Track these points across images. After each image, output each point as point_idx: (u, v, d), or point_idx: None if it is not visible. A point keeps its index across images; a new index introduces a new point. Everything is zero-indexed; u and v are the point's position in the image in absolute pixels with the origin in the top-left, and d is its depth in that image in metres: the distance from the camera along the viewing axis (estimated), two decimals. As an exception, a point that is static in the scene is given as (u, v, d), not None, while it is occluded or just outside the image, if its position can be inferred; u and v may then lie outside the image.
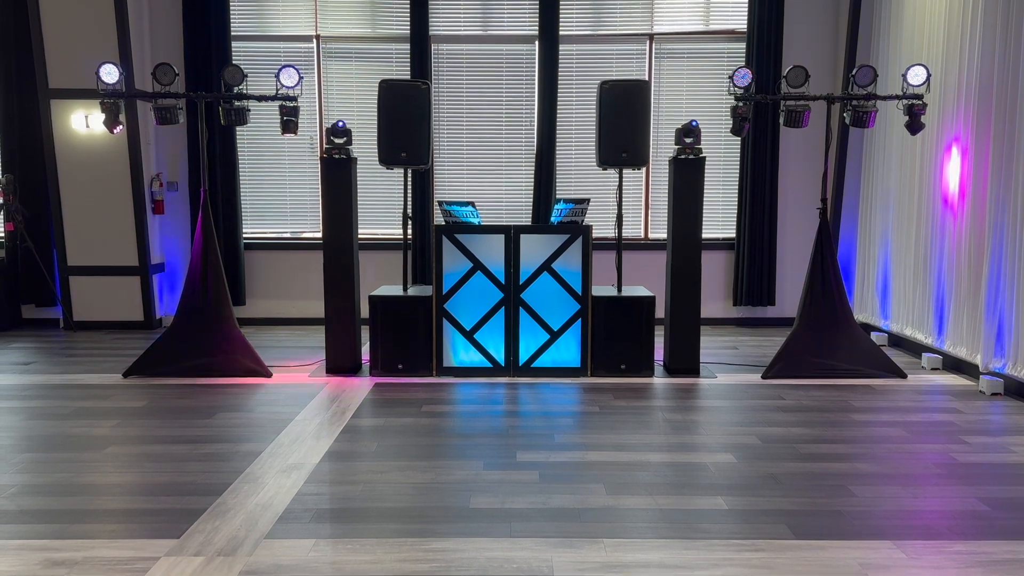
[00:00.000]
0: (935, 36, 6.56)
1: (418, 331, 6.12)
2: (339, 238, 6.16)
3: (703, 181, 6.16)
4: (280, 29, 8.35)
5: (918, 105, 5.89)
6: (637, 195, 8.46)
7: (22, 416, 5.08)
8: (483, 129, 8.45)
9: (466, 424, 4.98)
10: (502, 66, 8.38)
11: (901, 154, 7.16)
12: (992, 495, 3.75)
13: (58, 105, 7.83)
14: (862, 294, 7.98)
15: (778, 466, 4.15)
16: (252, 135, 8.35)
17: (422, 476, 4.00)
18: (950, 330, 6.30)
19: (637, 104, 6.23)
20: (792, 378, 6.04)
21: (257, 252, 8.53)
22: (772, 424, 4.91)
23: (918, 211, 6.83)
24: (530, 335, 6.12)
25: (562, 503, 3.65)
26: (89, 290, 8.14)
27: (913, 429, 4.81)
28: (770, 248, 8.39)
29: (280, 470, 4.09)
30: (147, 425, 4.89)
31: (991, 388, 5.58)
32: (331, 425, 4.87)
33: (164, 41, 8.22)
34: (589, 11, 8.31)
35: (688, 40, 8.34)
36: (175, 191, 8.42)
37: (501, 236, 6.06)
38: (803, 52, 8.09)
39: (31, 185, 8.15)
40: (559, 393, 5.68)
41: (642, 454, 4.35)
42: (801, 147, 8.22)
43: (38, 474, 4.03)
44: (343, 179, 6.13)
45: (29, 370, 6.40)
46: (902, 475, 4.03)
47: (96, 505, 3.65)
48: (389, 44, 8.35)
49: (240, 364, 6.08)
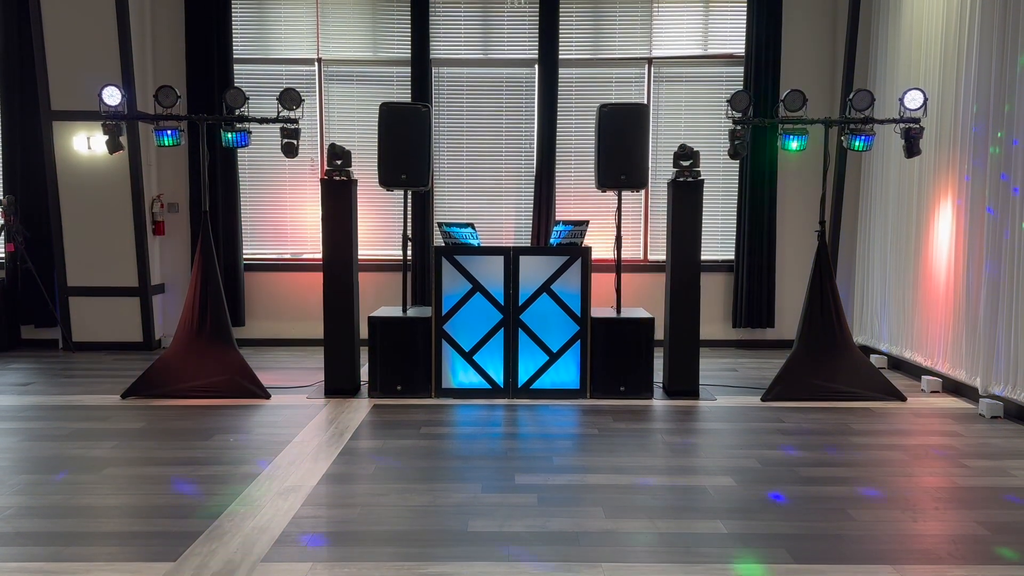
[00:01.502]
0: (931, 61, 6.62)
1: (417, 352, 6.12)
2: (339, 259, 6.17)
3: (702, 204, 6.18)
4: (282, 52, 8.42)
5: (915, 129, 5.93)
6: (636, 217, 8.50)
7: (19, 437, 5.07)
8: (483, 151, 8.49)
9: (464, 446, 4.97)
10: (502, 89, 8.45)
11: (899, 177, 7.20)
12: (992, 519, 3.74)
13: (60, 126, 7.88)
14: (861, 316, 7.99)
15: (778, 489, 4.13)
16: (253, 157, 8.39)
17: (420, 499, 3.98)
18: (949, 353, 6.30)
19: (636, 127, 6.27)
20: (792, 401, 6.03)
21: (257, 273, 8.55)
22: (772, 447, 4.90)
23: (916, 233, 6.86)
24: (529, 357, 6.12)
25: (561, 527, 3.63)
26: (88, 311, 8.14)
27: (913, 452, 4.80)
28: (769, 270, 8.40)
29: (278, 492, 4.07)
30: (145, 447, 4.87)
31: (991, 411, 5.57)
32: (329, 447, 4.86)
33: (167, 63, 8.29)
34: (588, 36, 8.39)
35: (686, 64, 8.41)
36: (176, 212, 8.45)
37: (500, 257, 6.07)
38: (801, 76, 8.15)
39: (32, 206, 8.18)
40: (558, 415, 5.67)
41: (641, 477, 4.33)
42: (799, 170, 8.26)
43: (35, 496, 4.01)
44: (343, 201, 6.16)
45: (27, 391, 6.39)
46: (902, 499, 4.01)
47: (93, 527, 3.63)
48: (390, 67, 8.42)
49: (238, 385, 6.07)
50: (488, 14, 8.38)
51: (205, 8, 8.11)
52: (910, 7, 7.03)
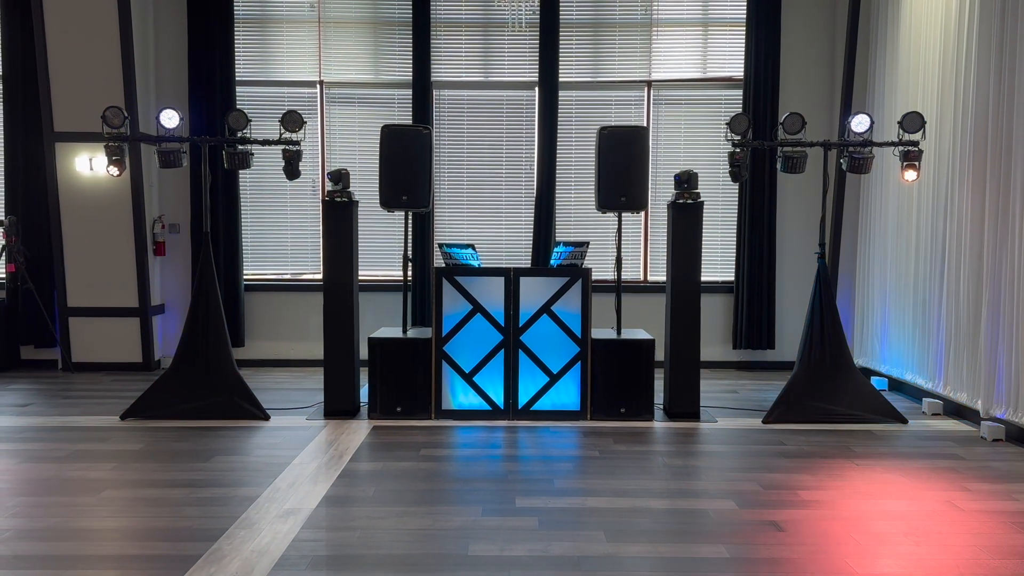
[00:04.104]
0: (930, 83, 6.66)
1: (417, 374, 6.11)
2: (339, 280, 6.18)
3: (701, 225, 6.20)
4: (284, 75, 8.48)
5: (913, 152, 5.96)
6: (636, 238, 8.51)
7: (18, 459, 5.05)
8: (483, 173, 8.53)
9: (465, 468, 4.95)
10: (502, 112, 8.50)
11: (898, 199, 7.22)
12: (995, 543, 3.71)
13: (62, 148, 7.91)
14: (861, 338, 7.98)
15: (779, 513, 4.11)
16: (255, 178, 8.42)
17: (420, 522, 3.96)
18: (950, 375, 6.29)
19: (635, 149, 6.30)
20: (792, 423, 6.01)
21: (257, 293, 8.55)
22: (773, 470, 4.88)
23: (916, 256, 6.87)
24: (529, 378, 6.11)
25: (562, 551, 3.61)
26: (88, 331, 8.13)
27: (915, 476, 4.78)
28: (769, 292, 8.41)
29: (277, 515, 4.05)
30: (144, 468, 4.85)
31: (992, 434, 5.55)
32: (328, 469, 4.84)
33: (169, 85, 8.34)
34: (588, 59, 8.45)
35: (686, 87, 8.46)
36: (177, 233, 8.47)
37: (501, 278, 6.08)
38: (800, 99, 8.20)
39: (33, 226, 8.20)
40: (559, 437, 5.65)
41: (643, 500, 4.31)
42: (799, 192, 8.29)
43: (33, 518, 3.99)
44: (344, 222, 6.17)
45: (26, 412, 6.37)
46: (904, 523, 3.99)
47: (91, 550, 3.61)
48: (391, 90, 8.48)
49: (238, 407, 6.06)
50: (488, 37, 8.45)
51: (208, 30, 8.18)
52: (908, 30, 7.09)
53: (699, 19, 8.43)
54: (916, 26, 6.93)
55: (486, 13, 8.40)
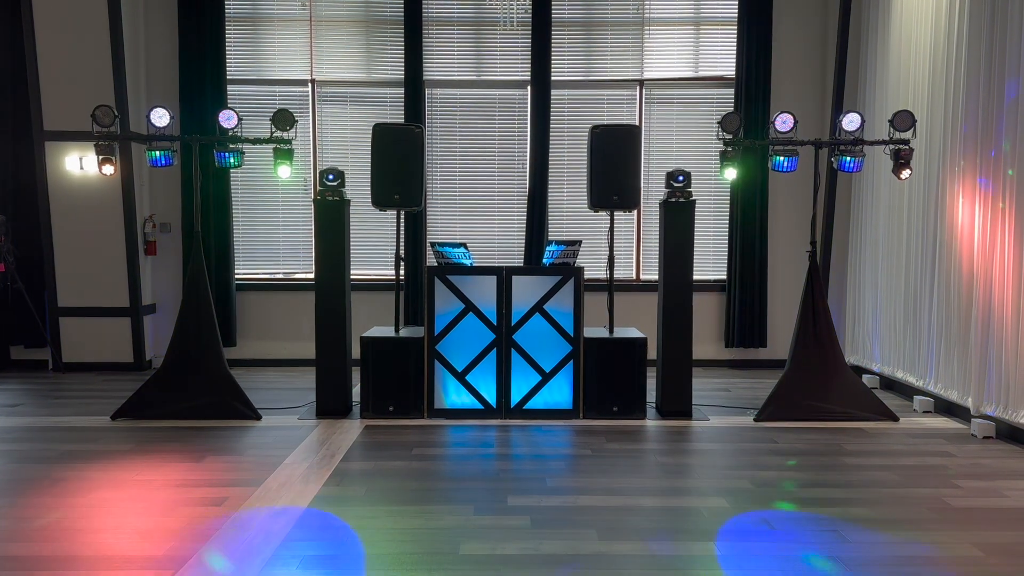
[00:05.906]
0: (920, 81, 6.68)
1: (409, 373, 6.10)
2: (331, 279, 6.16)
3: (693, 224, 6.20)
4: (276, 73, 8.45)
5: (904, 150, 5.98)
6: (628, 237, 8.52)
7: (7, 459, 5.02)
8: (476, 171, 8.52)
9: (457, 468, 4.94)
10: (495, 110, 8.49)
11: (889, 198, 7.24)
12: (985, 540, 3.73)
13: (52, 147, 7.87)
14: (853, 336, 8.01)
15: (771, 510, 4.12)
16: (246, 177, 8.40)
17: (412, 521, 3.95)
18: (941, 373, 6.31)
19: (628, 148, 6.31)
20: (784, 421, 6.03)
21: (249, 293, 8.52)
22: (765, 468, 4.89)
23: (907, 254, 6.89)
24: (522, 377, 6.11)
25: (554, 549, 3.61)
26: (79, 331, 8.09)
27: (906, 473, 4.79)
28: (761, 290, 8.43)
29: (268, 515, 4.03)
30: (135, 469, 4.83)
31: (983, 431, 5.58)
32: (320, 469, 4.83)
33: (160, 83, 8.31)
34: (580, 57, 8.45)
35: (678, 86, 8.47)
36: (168, 232, 8.43)
37: (493, 277, 6.07)
38: (791, 97, 8.23)
39: (23, 226, 8.15)
40: (551, 436, 5.65)
41: (635, 498, 4.31)
42: (790, 191, 8.31)
43: (22, 519, 3.97)
44: (336, 221, 6.16)
45: (16, 412, 6.34)
46: (895, 520, 4.00)
47: (82, 551, 3.59)
48: (383, 88, 8.46)
49: (229, 406, 6.04)
50: (481, 36, 8.44)
51: (199, 28, 8.14)
52: (898, 28, 7.11)
53: (691, 18, 8.44)
54: (907, 25, 6.96)
55: (478, 11, 8.39)
